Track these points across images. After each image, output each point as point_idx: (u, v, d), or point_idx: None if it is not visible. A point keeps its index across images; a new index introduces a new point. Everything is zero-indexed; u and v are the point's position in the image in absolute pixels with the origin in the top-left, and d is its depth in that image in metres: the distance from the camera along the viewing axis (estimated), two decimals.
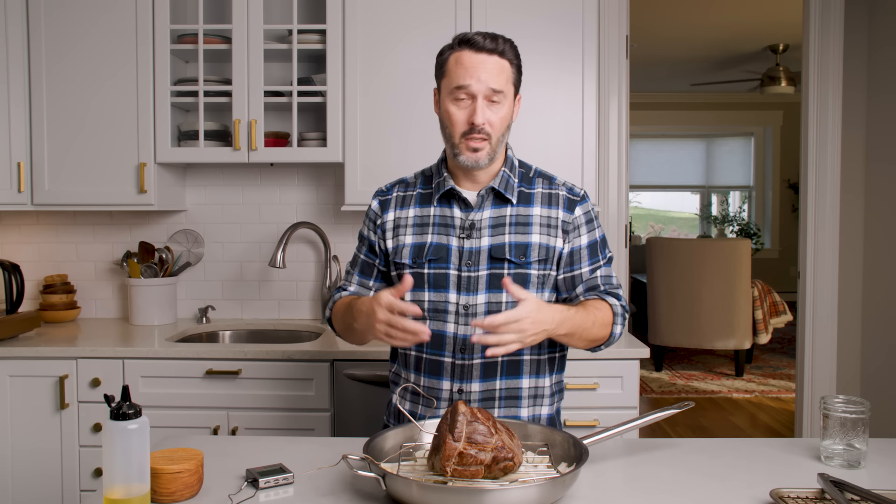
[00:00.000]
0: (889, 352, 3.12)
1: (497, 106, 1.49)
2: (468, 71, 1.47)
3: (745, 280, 5.35)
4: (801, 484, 1.32)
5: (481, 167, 1.52)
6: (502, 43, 1.49)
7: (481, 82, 1.47)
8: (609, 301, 1.55)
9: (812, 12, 3.27)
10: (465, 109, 1.49)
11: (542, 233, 1.55)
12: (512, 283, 1.39)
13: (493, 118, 1.49)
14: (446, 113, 1.52)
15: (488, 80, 1.47)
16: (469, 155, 1.50)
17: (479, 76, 1.47)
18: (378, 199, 1.66)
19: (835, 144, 3.29)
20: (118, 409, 1.14)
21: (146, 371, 2.37)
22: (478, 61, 1.47)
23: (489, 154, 1.51)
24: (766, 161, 9.33)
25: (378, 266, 1.66)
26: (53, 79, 2.64)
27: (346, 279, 1.71)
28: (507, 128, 1.54)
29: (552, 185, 1.60)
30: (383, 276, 1.67)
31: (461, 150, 1.51)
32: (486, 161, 1.51)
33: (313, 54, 2.76)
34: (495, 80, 1.47)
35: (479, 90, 1.47)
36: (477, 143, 1.49)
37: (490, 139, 1.50)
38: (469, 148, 1.50)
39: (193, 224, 2.99)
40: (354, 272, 1.69)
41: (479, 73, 1.47)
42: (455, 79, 1.49)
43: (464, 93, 1.48)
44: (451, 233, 1.55)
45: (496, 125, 1.50)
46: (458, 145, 1.51)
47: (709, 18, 5.80)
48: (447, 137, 1.54)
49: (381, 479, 1.17)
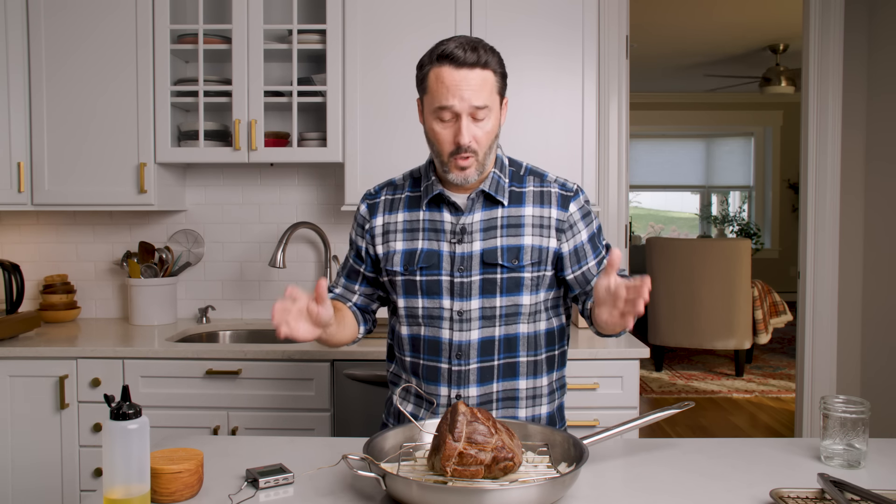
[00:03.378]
0: (889, 352, 3.12)
1: (483, 121, 1.44)
2: (450, 90, 1.41)
3: (745, 280, 5.36)
4: (801, 484, 1.32)
5: (470, 183, 1.49)
6: (484, 54, 1.42)
7: (464, 101, 1.41)
8: None
9: (812, 12, 3.27)
10: (449, 129, 1.44)
11: (534, 234, 1.52)
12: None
13: (479, 133, 1.45)
14: (431, 131, 1.47)
15: (471, 98, 1.41)
16: (458, 174, 1.47)
17: (461, 95, 1.40)
18: (366, 202, 1.63)
19: (835, 144, 3.29)
20: (118, 409, 1.14)
21: (146, 371, 2.37)
22: (459, 78, 1.40)
23: (478, 169, 1.48)
24: (766, 161, 9.33)
25: (364, 272, 1.63)
26: (53, 79, 2.64)
27: (335, 283, 1.70)
28: (495, 138, 1.50)
29: (544, 182, 1.57)
30: (370, 281, 1.65)
31: (450, 168, 1.47)
32: (475, 176, 1.48)
33: (313, 54, 2.76)
34: (478, 97, 1.41)
35: (463, 109, 1.41)
36: (464, 162, 1.45)
37: (477, 155, 1.46)
38: (457, 167, 1.46)
39: (193, 224, 2.99)
40: (341, 276, 1.68)
41: (462, 91, 1.40)
42: (437, 98, 1.43)
43: (447, 113, 1.42)
44: (441, 238, 1.53)
45: (482, 140, 1.46)
46: (447, 164, 1.47)
47: (709, 18, 5.80)
48: (434, 154, 1.50)
49: (381, 479, 1.17)
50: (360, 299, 1.67)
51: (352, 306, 1.66)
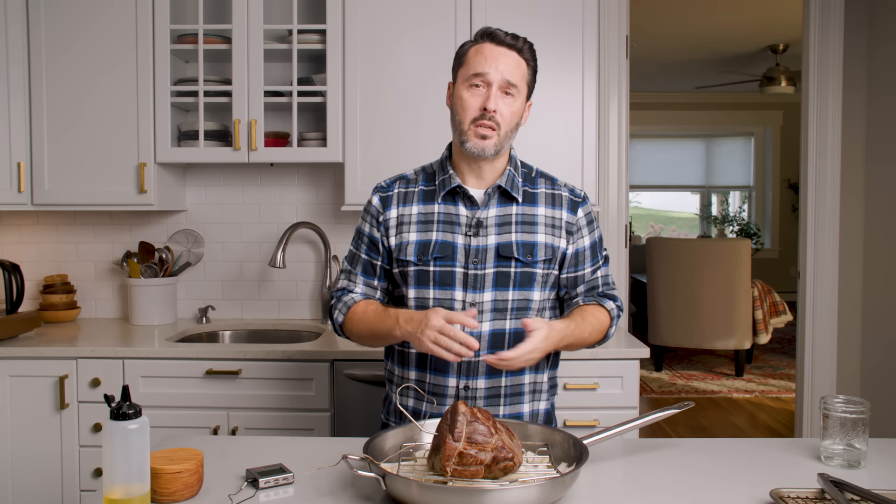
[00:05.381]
0: (889, 351, 3.12)
1: (510, 99, 1.52)
2: (487, 60, 1.50)
3: (745, 280, 5.35)
4: (801, 484, 1.32)
5: (487, 157, 1.53)
6: (522, 42, 1.54)
7: (499, 71, 1.50)
8: (607, 306, 1.60)
9: (812, 12, 3.27)
10: (479, 97, 1.51)
11: (547, 233, 1.57)
12: (530, 321, 1.42)
13: (505, 110, 1.51)
14: (459, 100, 1.53)
15: (505, 72, 1.50)
16: (476, 142, 1.51)
17: (497, 66, 1.50)
18: (379, 195, 1.64)
19: (835, 144, 3.29)
20: (118, 409, 1.14)
21: (146, 371, 2.37)
22: (498, 52, 1.51)
23: (496, 145, 1.52)
24: (766, 161, 9.32)
25: (381, 264, 1.63)
26: (53, 79, 2.64)
27: (349, 279, 1.66)
28: (516, 126, 1.56)
29: (554, 185, 1.63)
30: (386, 274, 1.65)
31: (469, 136, 1.52)
32: (493, 151, 1.52)
33: (313, 54, 2.76)
34: (512, 73, 1.51)
35: (496, 79, 1.50)
36: (486, 131, 1.50)
37: (499, 130, 1.51)
38: (477, 135, 1.51)
39: (193, 224, 2.99)
40: (357, 272, 1.65)
41: (498, 63, 1.50)
42: (473, 66, 1.51)
43: (480, 80, 1.51)
44: (456, 230, 1.55)
45: (507, 117, 1.52)
46: (467, 132, 1.52)
47: (709, 18, 5.80)
48: (456, 125, 1.55)
49: (381, 479, 1.17)
50: (381, 295, 1.67)
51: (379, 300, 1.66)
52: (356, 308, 1.60)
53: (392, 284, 1.65)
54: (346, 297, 1.64)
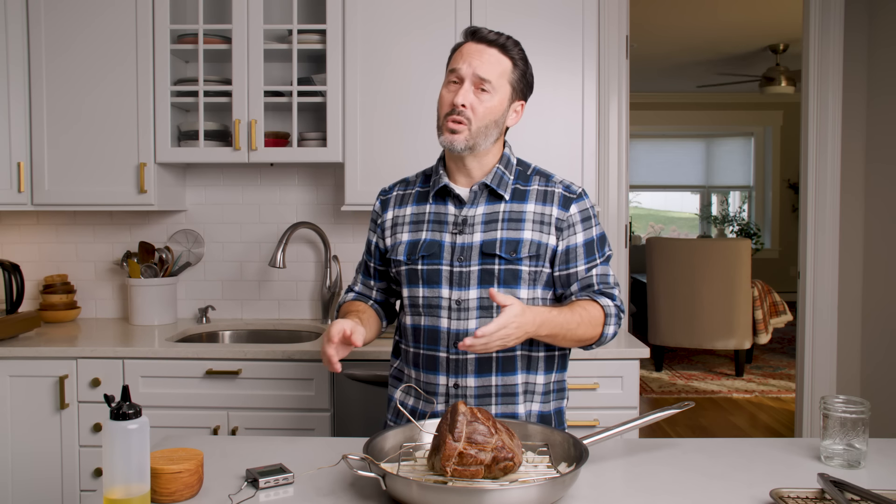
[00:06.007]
0: (889, 351, 3.12)
1: (486, 95, 1.51)
2: (463, 56, 1.52)
3: (745, 280, 5.35)
4: (801, 484, 1.32)
5: (457, 151, 1.53)
6: (505, 39, 1.53)
7: (471, 67, 1.50)
8: (601, 302, 1.55)
9: (812, 12, 3.27)
10: (452, 93, 1.53)
11: (534, 229, 1.54)
12: (497, 292, 1.41)
13: (478, 105, 1.51)
14: (439, 97, 1.56)
15: (478, 68, 1.50)
16: (446, 136, 1.52)
17: (470, 61, 1.51)
18: (380, 198, 1.71)
19: (835, 144, 3.29)
20: (118, 409, 1.14)
21: (146, 371, 2.37)
22: (475, 50, 1.52)
23: (466, 139, 1.51)
24: (766, 161, 9.32)
25: (377, 266, 1.71)
26: (53, 79, 2.64)
27: (354, 279, 1.78)
28: (494, 122, 1.53)
29: (549, 182, 1.60)
30: (381, 274, 1.72)
31: (442, 131, 1.54)
32: (462, 146, 1.52)
33: (313, 54, 2.76)
34: (485, 69, 1.50)
35: (467, 74, 1.50)
36: (455, 125, 1.51)
37: (470, 125, 1.51)
38: (448, 129, 1.52)
39: (193, 224, 2.99)
40: (359, 273, 1.76)
41: (472, 59, 1.51)
42: (451, 63, 1.55)
43: (455, 76, 1.52)
44: (444, 229, 1.57)
45: (479, 113, 1.51)
46: (441, 126, 1.54)
47: (709, 18, 5.80)
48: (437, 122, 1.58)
49: (381, 479, 1.17)
50: (378, 294, 1.74)
51: (372, 303, 1.73)
52: (342, 308, 1.71)
53: (396, 284, 1.70)
54: (346, 296, 1.76)
